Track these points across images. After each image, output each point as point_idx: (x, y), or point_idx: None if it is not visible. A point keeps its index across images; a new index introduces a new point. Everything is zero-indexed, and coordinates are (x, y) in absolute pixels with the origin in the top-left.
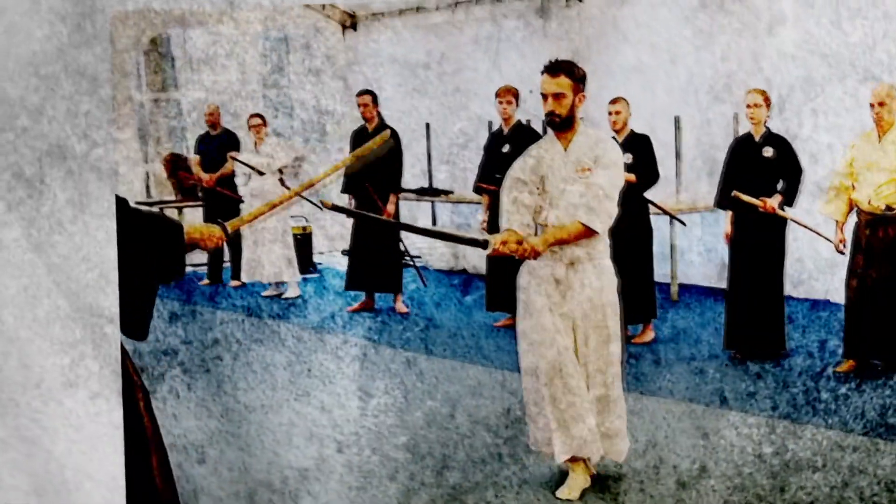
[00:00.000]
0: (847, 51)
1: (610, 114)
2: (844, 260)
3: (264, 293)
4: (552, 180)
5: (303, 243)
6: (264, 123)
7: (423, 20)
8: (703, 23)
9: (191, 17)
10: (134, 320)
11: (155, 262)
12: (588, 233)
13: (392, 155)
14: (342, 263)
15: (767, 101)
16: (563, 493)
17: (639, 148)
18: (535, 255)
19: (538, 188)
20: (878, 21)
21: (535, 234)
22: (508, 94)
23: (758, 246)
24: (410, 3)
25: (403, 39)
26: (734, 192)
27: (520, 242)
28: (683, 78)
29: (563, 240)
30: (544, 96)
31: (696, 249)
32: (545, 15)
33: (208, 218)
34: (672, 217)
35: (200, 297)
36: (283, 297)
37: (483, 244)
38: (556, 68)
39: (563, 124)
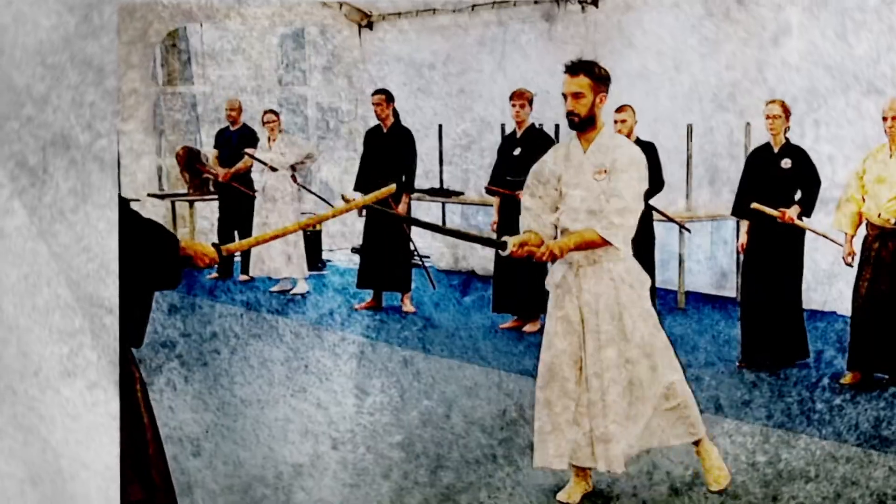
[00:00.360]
0: (851, 63)
1: (616, 122)
2: (843, 271)
3: (272, 289)
4: (568, 181)
5: (312, 240)
6: (278, 120)
7: (429, 21)
8: (708, 31)
9: (199, 11)
10: (129, 325)
11: (151, 269)
12: (605, 241)
13: (405, 155)
14: (343, 261)
15: (787, 111)
16: (562, 496)
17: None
18: (553, 258)
19: (556, 189)
20: (882, 34)
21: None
22: (522, 98)
23: (775, 256)
24: (418, 4)
25: (409, 39)
26: (753, 204)
27: (538, 245)
28: (688, 85)
29: (581, 246)
30: (564, 96)
31: (695, 257)
32: (551, 19)
33: (223, 212)
34: (679, 225)
35: (200, 291)
36: (293, 292)
37: (501, 245)
38: (576, 68)
39: (582, 124)
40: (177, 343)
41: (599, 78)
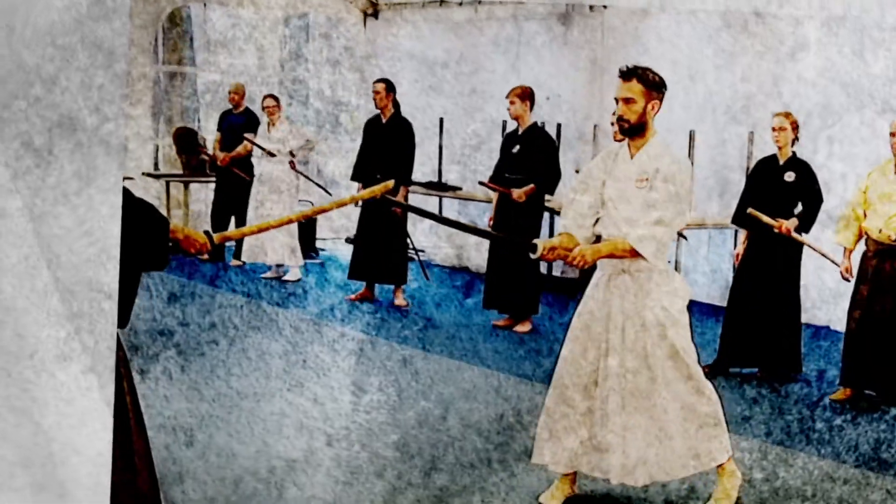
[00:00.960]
0: (867, 81)
1: (612, 124)
2: (848, 289)
3: (264, 275)
4: (611, 187)
5: (306, 227)
6: (278, 106)
7: (444, 16)
8: (725, 42)
9: None
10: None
11: (138, 248)
12: (636, 252)
13: (403, 146)
14: (345, 254)
15: (794, 124)
16: (545, 497)
17: None
18: (584, 264)
19: (600, 193)
20: None
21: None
22: (512, 94)
23: (770, 268)
24: None
25: (423, 35)
26: (750, 210)
27: (570, 249)
28: (702, 96)
29: (613, 254)
30: (616, 100)
31: (700, 268)
32: (567, 21)
33: (219, 195)
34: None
35: (200, 279)
36: (284, 279)
37: (531, 248)
38: (629, 73)
39: (632, 130)
40: (174, 332)
41: (652, 84)
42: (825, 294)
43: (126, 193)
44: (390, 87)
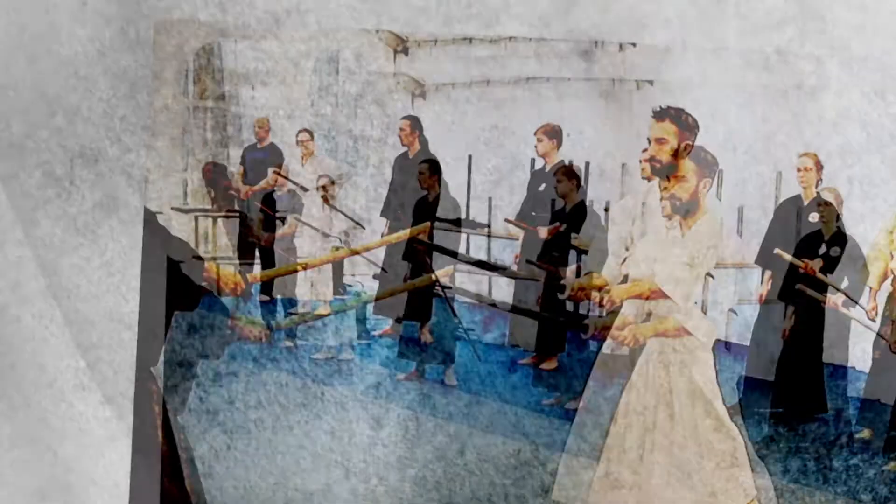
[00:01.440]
0: (888, 121)
1: (640, 161)
2: (869, 328)
3: (291, 311)
4: (640, 226)
5: (336, 264)
6: (311, 139)
7: (468, 52)
8: (746, 81)
9: (235, 31)
10: (147, 343)
11: (173, 288)
12: (663, 294)
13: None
14: (371, 287)
15: (818, 165)
16: None
17: None
18: (611, 304)
19: (629, 232)
20: None
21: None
22: (539, 132)
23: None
24: (456, 32)
25: (445, 70)
26: (776, 250)
27: (599, 289)
28: (722, 135)
29: (639, 295)
30: (649, 140)
31: (720, 307)
32: (588, 58)
33: (243, 231)
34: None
35: (221, 311)
36: (315, 312)
37: (560, 289)
38: (662, 113)
39: (663, 171)
40: (193, 363)
41: (686, 125)
42: (843, 332)
43: (160, 230)
44: (416, 125)
